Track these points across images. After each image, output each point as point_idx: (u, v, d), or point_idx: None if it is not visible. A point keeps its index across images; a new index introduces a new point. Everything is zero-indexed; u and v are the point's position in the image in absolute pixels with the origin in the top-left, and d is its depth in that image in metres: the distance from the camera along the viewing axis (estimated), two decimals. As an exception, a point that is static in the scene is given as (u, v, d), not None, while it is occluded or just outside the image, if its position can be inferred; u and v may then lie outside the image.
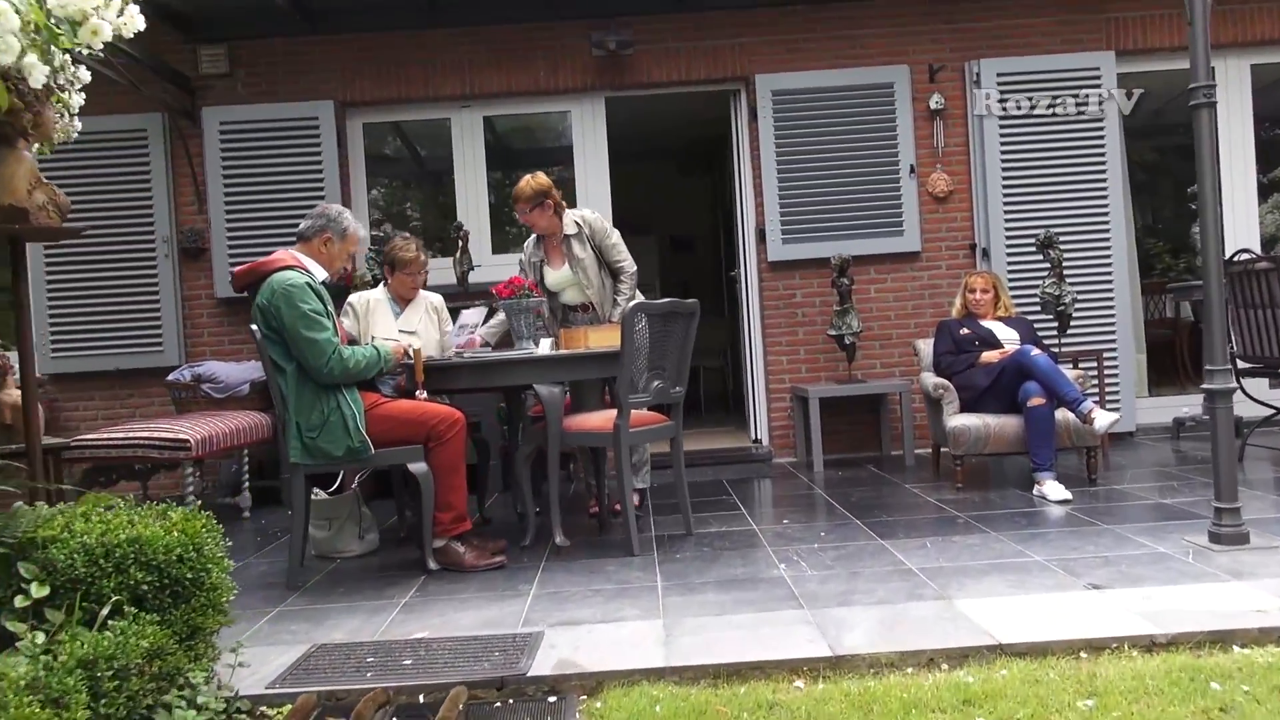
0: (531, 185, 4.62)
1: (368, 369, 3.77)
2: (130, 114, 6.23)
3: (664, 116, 8.56)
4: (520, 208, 4.66)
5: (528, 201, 4.63)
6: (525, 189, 4.62)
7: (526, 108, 6.63)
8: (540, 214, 4.66)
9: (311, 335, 3.66)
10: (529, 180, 4.64)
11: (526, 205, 4.63)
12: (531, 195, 4.62)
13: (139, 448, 4.74)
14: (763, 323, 6.53)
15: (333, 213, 3.96)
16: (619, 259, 4.77)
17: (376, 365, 3.81)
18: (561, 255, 4.78)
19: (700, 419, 8.68)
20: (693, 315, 4.21)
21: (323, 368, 3.66)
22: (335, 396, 3.74)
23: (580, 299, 4.85)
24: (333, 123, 6.27)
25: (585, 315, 4.86)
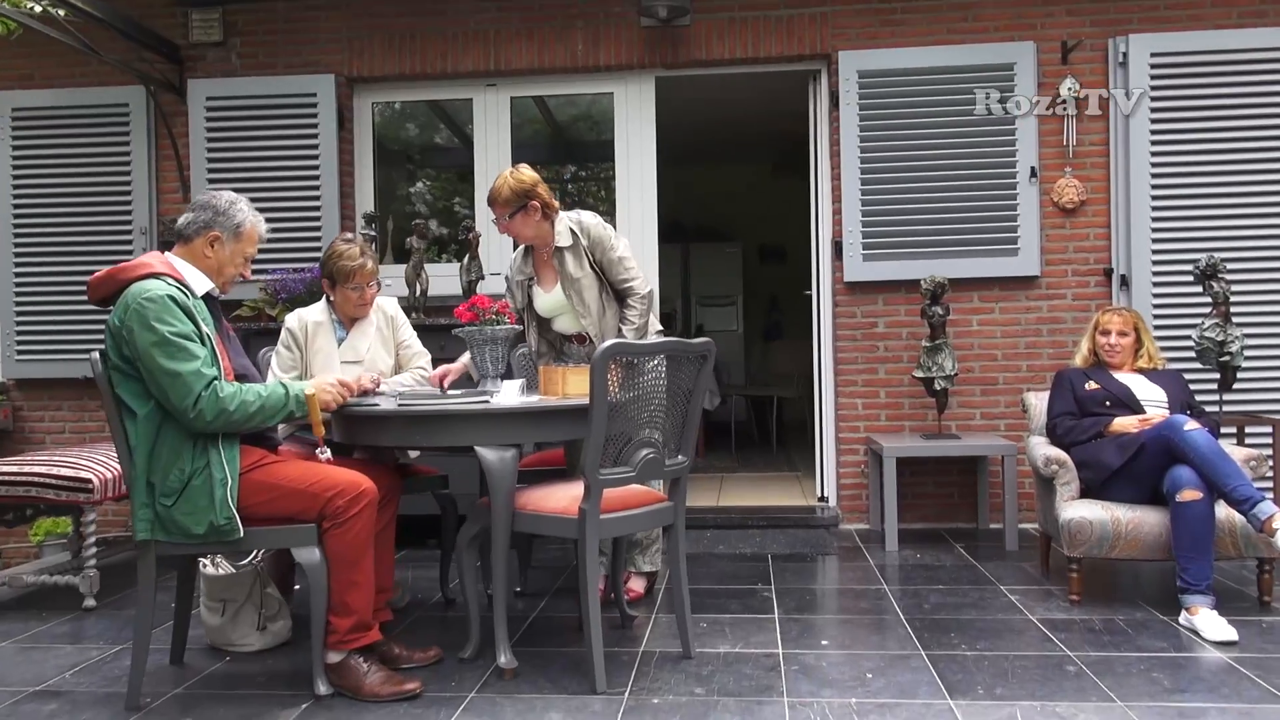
0: (510, 184, 3.56)
1: (261, 415, 2.77)
2: (111, 86, 5.45)
3: (737, 105, 7.42)
4: (498, 214, 3.61)
5: (506, 205, 3.57)
6: (502, 189, 3.56)
7: (561, 88, 5.58)
8: (524, 221, 3.60)
9: (172, 366, 2.68)
10: (507, 177, 3.58)
11: (505, 210, 3.58)
12: (510, 197, 3.56)
13: (33, 485, 3.87)
14: (835, 356, 5.33)
15: (221, 203, 2.98)
16: (624, 277, 3.67)
17: (279, 410, 2.81)
18: (554, 273, 3.71)
19: (765, 462, 7.48)
20: (703, 359, 3.08)
21: (188, 410, 2.68)
22: (206, 452, 2.75)
23: (575, 328, 3.78)
24: (333, 100, 5.35)
25: (584, 349, 3.79)
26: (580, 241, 3.63)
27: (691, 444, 3.15)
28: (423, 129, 6.20)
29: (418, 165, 6.33)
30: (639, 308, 3.66)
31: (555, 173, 6.85)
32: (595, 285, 3.66)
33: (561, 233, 3.64)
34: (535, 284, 3.79)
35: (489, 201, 3.61)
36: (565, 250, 3.63)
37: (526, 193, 3.57)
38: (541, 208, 3.61)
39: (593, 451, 2.81)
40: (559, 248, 3.64)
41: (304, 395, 2.85)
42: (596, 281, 3.66)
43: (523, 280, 3.81)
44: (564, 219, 3.68)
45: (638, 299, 3.67)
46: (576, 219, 3.68)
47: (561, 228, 3.65)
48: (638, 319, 3.65)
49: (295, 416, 2.87)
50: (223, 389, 2.72)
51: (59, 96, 5.49)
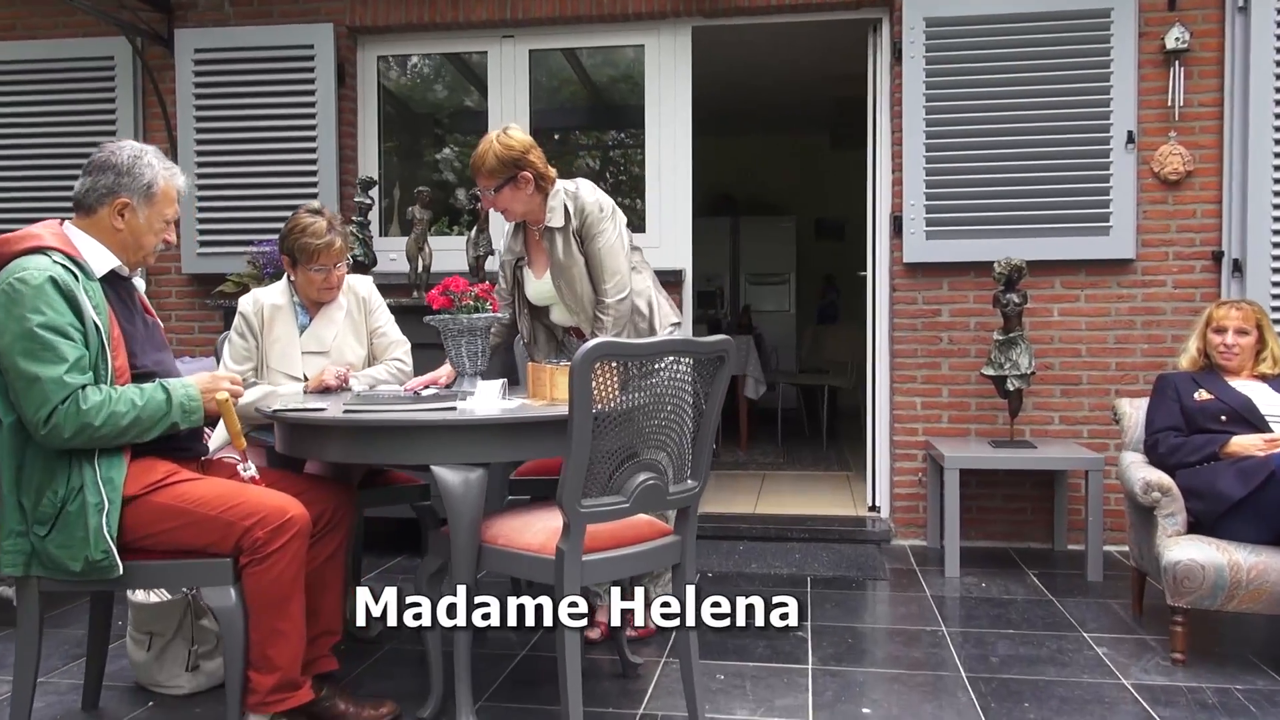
0: (496, 150, 2.96)
1: (136, 428, 2.24)
2: (95, 38, 4.96)
3: (787, 63, 6.71)
4: (482, 186, 3.02)
5: (491, 176, 2.98)
6: (485, 156, 2.96)
7: (585, 39, 4.95)
8: (513, 195, 3.02)
9: (32, 368, 2.16)
10: (493, 142, 2.98)
11: (490, 182, 2.99)
12: (496, 166, 2.96)
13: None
14: (892, 347, 4.66)
15: (122, 159, 2.43)
16: (600, 275, 3.05)
17: (158, 420, 2.28)
18: (543, 256, 3.12)
19: (814, 458, 6.83)
20: (719, 361, 2.46)
21: (39, 425, 2.17)
22: (80, 470, 2.23)
23: (569, 320, 3.19)
24: (332, 52, 4.80)
25: (578, 343, 3.20)
26: (571, 223, 3.03)
27: (704, 466, 2.55)
28: (433, 86, 5.64)
29: (427, 127, 5.77)
30: (610, 317, 3.03)
31: (580, 139, 6.25)
32: (584, 275, 3.07)
33: (554, 209, 3.04)
34: (525, 265, 3.20)
35: (472, 170, 3.02)
36: (556, 231, 3.04)
37: (515, 160, 2.97)
38: (534, 179, 3.02)
39: (572, 476, 2.22)
40: (549, 228, 3.04)
41: (193, 398, 2.31)
42: (584, 270, 3.07)
43: (510, 260, 3.23)
44: (559, 191, 3.08)
45: (606, 308, 3.04)
46: (573, 191, 3.08)
47: (555, 203, 3.06)
48: (605, 333, 3.02)
49: (183, 426, 2.33)
50: (87, 398, 2.18)
51: (39, 49, 5.02)
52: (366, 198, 4.51)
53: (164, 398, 2.31)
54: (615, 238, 3.06)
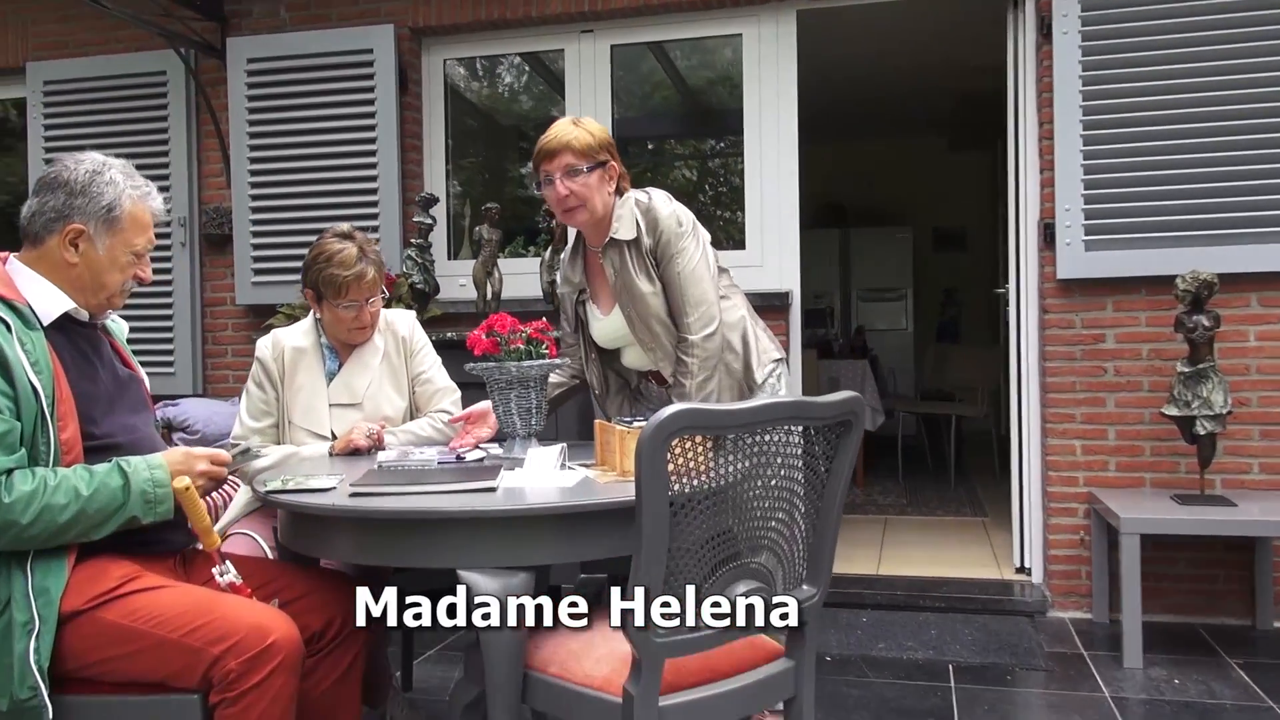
0: (590, 129, 2.43)
1: (80, 525, 1.75)
2: (147, 52, 4.60)
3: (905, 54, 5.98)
4: (566, 164, 2.39)
5: (584, 154, 2.39)
6: (575, 131, 2.41)
7: (674, 31, 4.34)
8: (600, 184, 2.43)
9: (-61, 446, 1.66)
10: (579, 121, 2.46)
11: (580, 160, 2.39)
12: (591, 145, 2.40)
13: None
14: (1043, 380, 3.91)
15: (77, 175, 1.93)
16: (683, 301, 2.44)
17: (112, 513, 1.77)
18: (609, 288, 2.52)
19: (940, 497, 6.05)
20: (843, 428, 1.80)
21: None
22: (8, 578, 1.73)
23: (646, 364, 2.58)
24: (393, 56, 4.30)
25: (660, 391, 2.60)
26: (643, 239, 2.42)
27: (826, 565, 1.89)
28: (506, 91, 5.12)
29: (501, 137, 5.26)
30: (692, 360, 2.42)
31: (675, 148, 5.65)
32: (663, 305, 2.46)
33: (622, 219, 2.45)
34: (589, 301, 2.60)
35: (546, 152, 2.42)
36: (625, 246, 2.43)
37: (608, 145, 2.43)
38: (616, 176, 2.47)
39: (642, 592, 1.60)
40: (615, 240, 2.44)
41: (160, 484, 1.79)
42: (663, 298, 2.46)
43: (570, 293, 2.63)
44: (629, 199, 2.49)
45: (691, 347, 2.42)
46: (645, 203, 2.47)
47: (624, 212, 2.46)
48: (690, 379, 2.41)
49: (145, 520, 1.80)
50: (12, 488, 1.67)
51: (91, 66, 4.67)
52: (428, 217, 4.00)
53: (120, 483, 1.79)
54: (699, 259, 2.45)
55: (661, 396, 2.58)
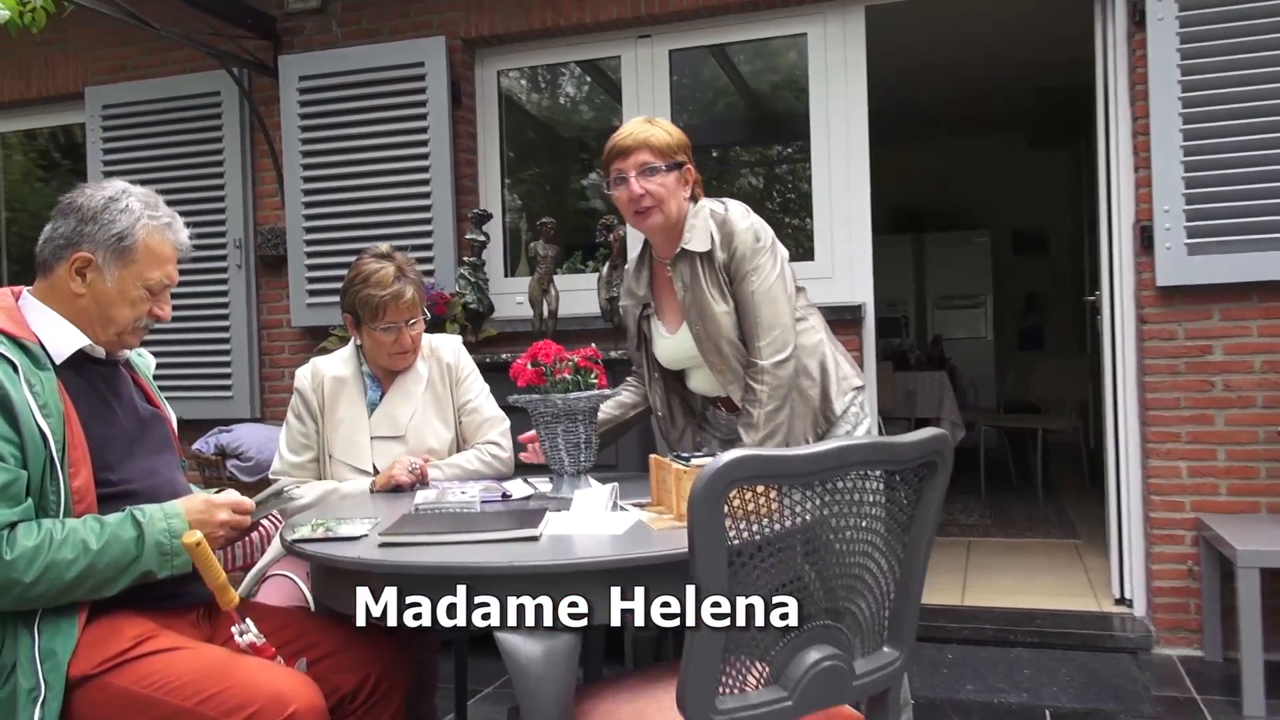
0: (668, 129, 2.27)
1: (89, 582, 1.62)
2: (200, 73, 4.55)
3: (979, 47, 5.68)
4: (640, 163, 2.22)
5: (662, 152, 2.23)
6: (653, 130, 2.25)
7: (735, 33, 4.13)
8: (676, 187, 2.26)
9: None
10: (656, 121, 2.30)
11: (659, 159, 2.22)
12: (671, 144, 2.24)
13: None
14: (1142, 395, 3.60)
15: (92, 201, 1.80)
16: (756, 323, 2.24)
17: (125, 569, 1.64)
18: (678, 303, 2.32)
19: (1027, 516, 5.71)
20: (927, 470, 1.58)
21: None
22: (14, 639, 1.60)
23: (715, 389, 2.37)
24: (444, 68, 4.17)
25: (729, 418, 2.39)
26: (716, 253, 2.22)
27: (910, 625, 1.66)
28: (563, 101, 4.97)
29: (558, 149, 5.11)
30: (762, 387, 2.20)
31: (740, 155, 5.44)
32: (734, 325, 2.27)
33: (695, 229, 2.26)
34: (655, 316, 2.41)
35: (620, 149, 2.25)
36: (697, 259, 2.24)
37: (685, 147, 2.28)
38: (692, 181, 2.31)
39: (698, 661, 1.40)
40: (686, 252, 2.24)
41: (178, 534, 1.64)
42: (734, 317, 2.27)
43: (634, 308, 2.44)
44: (703, 208, 2.30)
45: (761, 374, 2.21)
46: (721, 213, 2.28)
47: (697, 221, 2.27)
48: (759, 408, 2.19)
49: (161, 574, 1.66)
50: (15, 543, 1.54)
51: (147, 89, 4.65)
52: (481, 233, 3.86)
53: (133, 535, 1.65)
54: (775, 278, 2.24)
55: (730, 425, 2.37)
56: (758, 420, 2.19)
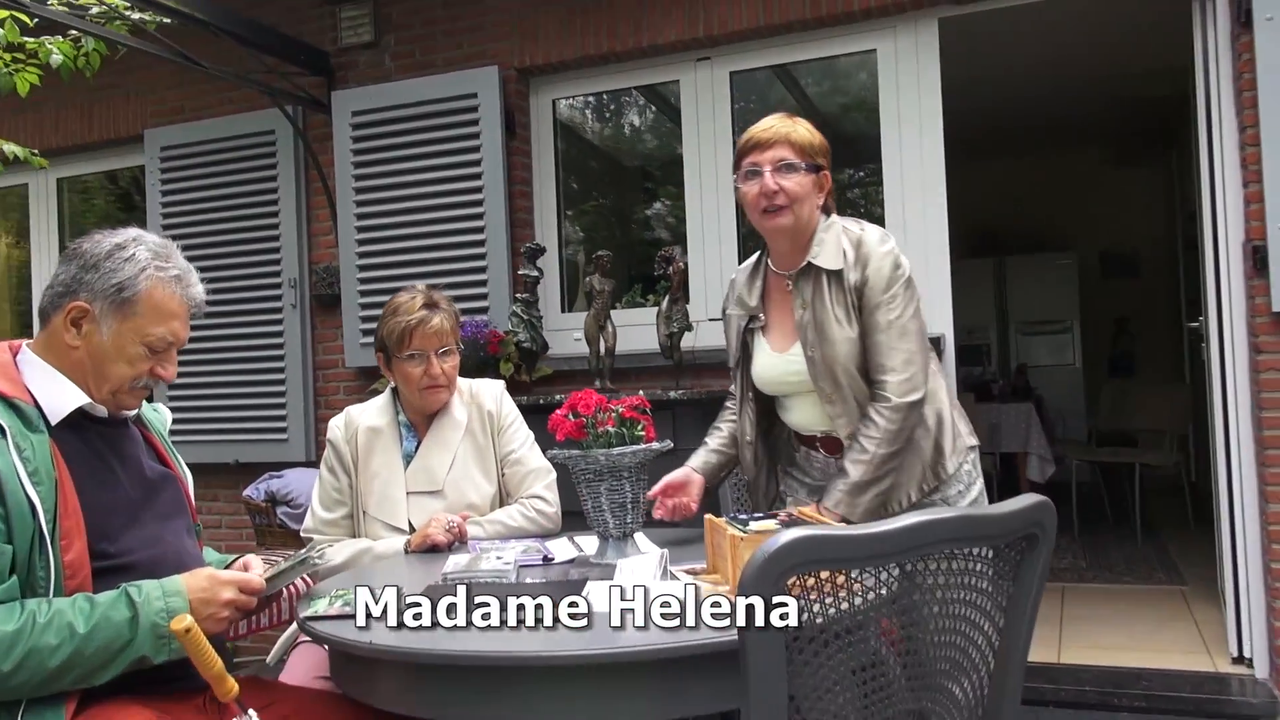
0: (807, 130, 2.10)
1: (75, 670, 1.47)
2: (255, 111, 4.50)
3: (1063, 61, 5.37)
4: (779, 156, 2.04)
5: (803, 150, 2.05)
6: (795, 128, 2.08)
7: (798, 52, 3.91)
8: (813, 189, 2.07)
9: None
10: (790, 117, 2.12)
11: (799, 156, 2.05)
12: (813, 144, 2.08)
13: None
14: (1258, 432, 3.26)
15: (98, 249, 1.67)
16: (887, 354, 2.00)
17: (117, 653, 1.49)
18: (793, 319, 2.10)
19: (1125, 557, 5.31)
20: (1027, 544, 1.33)
21: None
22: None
23: (818, 422, 2.12)
24: (497, 99, 4.04)
25: (826, 461, 2.15)
26: (846, 270, 2.01)
27: (1011, 706, 1.41)
28: (622, 129, 4.80)
29: (619, 179, 4.94)
30: (883, 422, 1.97)
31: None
32: (856, 352, 2.03)
33: (825, 244, 2.05)
34: (761, 331, 2.18)
35: (757, 141, 2.09)
36: (824, 277, 2.03)
37: (825, 152, 2.11)
38: (827, 189, 2.14)
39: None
40: (814, 267, 2.04)
41: (175, 614, 1.48)
42: (858, 344, 2.04)
43: (740, 318, 2.21)
44: (834, 224, 2.10)
45: (887, 410, 1.97)
46: (857, 234, 2.07)
47: (829, 236, 2.06)
48: (876, 446, 1.95)
49: (157, 660, 1.50)
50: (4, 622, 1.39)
51: (203, 129, 4.61)
52: (534, 268, 3.70)
53: (126, 616, 1.49)
54: (913, 313, 2.04)
55: (824, 470, 2.14)
56: (873, 458, 1.95)
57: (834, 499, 1.93)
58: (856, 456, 1.96)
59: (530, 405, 3.32)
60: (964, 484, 2.08)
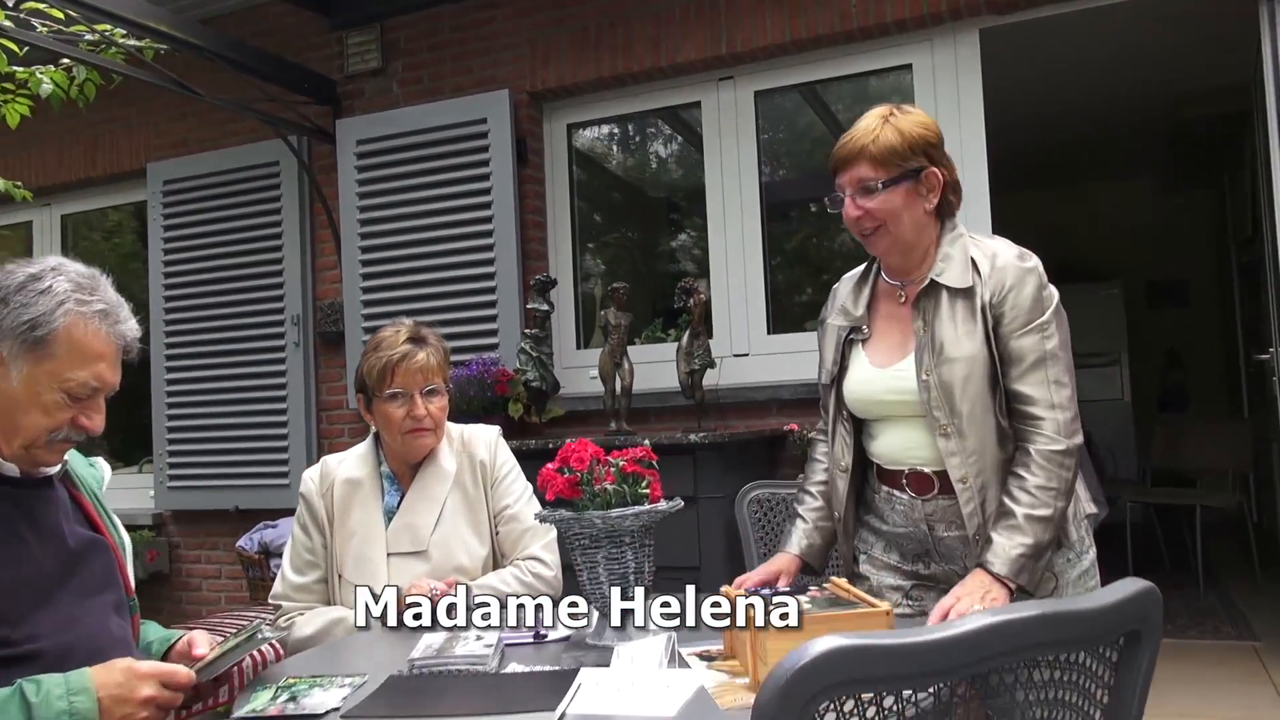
0: (899, 125, 1.75)
1: None
2: (260, 143, 4.32)
3: (1114, 83, 5.08)
4: (857, 178, 1.76)
5: (880, 164, 1.74)
6: (875, 131, 1.74)
7: (827, 69, 3.67)
8: (907, 201, 1.76)
9: None
10: (885, 116, 1.78)
11: (876, 173, 1.74)
12: (895, 147, 1.74)
13: None
14: (1347, 478, 2.92)
15: (8, 283, 1.43)
16: (1033, 391, 1.69)
17: None
18: (906, 330, 1.81)
19: (1188, 608, 4.92)
20: (1133, 640, 1.05)
21: None
22: None
23: (911, 453, 1.80)
24: (508, 124, 3.83)
25: (911, 504, 1.82)
26: (978, 286, 1.72)
27: None
28: (640, 156, 4.56)
29: (638, 208, 4.70)
30: (1056, 469, 1.66)
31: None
32: (986, 379, 1.71)
33: (950, 258, 1.76)
34: (861, 342, 1.89)
35: (838, 160, 1.79)
36: (949, 294, 1.74)
37: (923, 145, 1.75)
38: (942, 186, 1.77)
39: None
40: (936, 283, 1.76)
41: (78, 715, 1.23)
42: (988, 371, 1.71)
43: (841, 329, 1.91)
44: (962, 235, 1.80)
45: (1058, 454, 1.66)
46: (990, 247, 1.77)
47: (954, 250, 1.77)
48: (1055, 500, 1.65)
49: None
50: None
51: (206, 162, 4.45)
52: (544, 302, 3.46)
53: (19, 719, 1.23)
54: (1065, 337, 1.75)
55: (909, 515, 1.80)
56: (1054, 514, 1.64)
57: (1013, 565, 1.60)
58: (1034, 512, 1.63)
59: (539, 450, 3.06)
60: (1076, 551, 1.78)
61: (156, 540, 4.52)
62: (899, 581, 1.86)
